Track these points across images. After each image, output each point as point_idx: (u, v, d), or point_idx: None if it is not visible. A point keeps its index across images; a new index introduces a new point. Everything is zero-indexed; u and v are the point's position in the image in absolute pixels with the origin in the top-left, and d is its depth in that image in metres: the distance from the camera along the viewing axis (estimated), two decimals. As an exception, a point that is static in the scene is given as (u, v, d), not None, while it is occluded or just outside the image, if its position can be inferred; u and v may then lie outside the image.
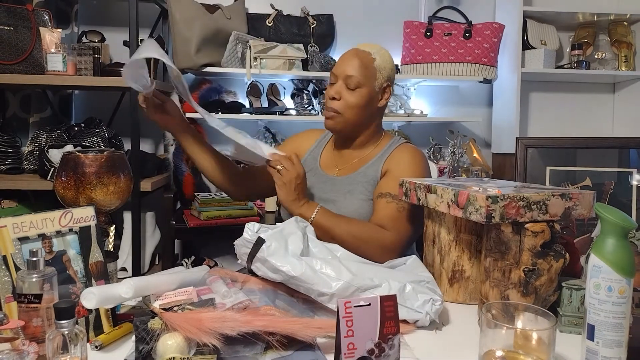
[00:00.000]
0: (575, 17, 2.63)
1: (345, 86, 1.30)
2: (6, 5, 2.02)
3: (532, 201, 0.89)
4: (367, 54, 1.31)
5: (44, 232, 0.85)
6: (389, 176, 1.31)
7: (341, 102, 1.30)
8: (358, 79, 1.28)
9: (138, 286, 0.84)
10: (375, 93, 1.32)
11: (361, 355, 0.67)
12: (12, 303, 0.79)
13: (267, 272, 0.95)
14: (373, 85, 1.31)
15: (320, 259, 0.96)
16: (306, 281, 0.90)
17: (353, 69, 1.29)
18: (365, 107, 1.31)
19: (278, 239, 0.97)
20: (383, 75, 1.32)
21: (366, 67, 1.29)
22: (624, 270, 0.73)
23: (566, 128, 2.82)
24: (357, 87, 1.29)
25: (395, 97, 2.58)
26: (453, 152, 2.57)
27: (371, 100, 1.31)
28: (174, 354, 0.71)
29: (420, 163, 1.34)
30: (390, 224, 1.24)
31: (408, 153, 1.35)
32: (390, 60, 1.35)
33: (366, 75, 1.29)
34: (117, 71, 2.12)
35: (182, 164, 2.32)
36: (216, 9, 2.34)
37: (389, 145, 1.38)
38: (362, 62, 1.29)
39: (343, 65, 1.31)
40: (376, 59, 1.31)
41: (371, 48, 1.33)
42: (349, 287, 0.90)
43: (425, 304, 0.91)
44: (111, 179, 1.01)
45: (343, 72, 1.30)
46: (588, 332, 0.75)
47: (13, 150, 2.16)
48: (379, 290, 0.91)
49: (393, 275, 0.96)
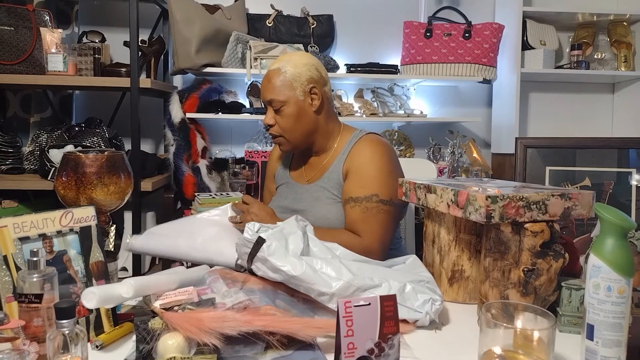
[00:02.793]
0: (574, 17, 2.63)
1: (272, 110, 1.31)
2: (7, 5, 2.02)
3: (532, 201, 0.89)
4: (277, 71, 1.29)
5: (44, 232, 0.85)
6: (349, 178, 1.29)
7: (276, 126, 1.31)
8: (277, 99, 1.28)
9: (138, 286, 0.84)
10: (301, 102, 1.29)
11: (361, 354, 0.67)
12: (13, 303, 0.79)
13: (267, 271, 0.95)
14: (295, 97, 1.29)
15: (321, 258, 0.96)
16: (306, 281, 0.90)
17: (270, 93, 1.29)
18: (299, 120, 1.30)
19: (278, 239, 0.97)
20: (301, 81, 1.29)
21: (280, 84, 1.28)
22: (624, 270, 0.73)
23: (566, 128, 2.82)
24: (281, 107, 1.29)
25: (395, 98, 2.58)
26: (453, 152, 2.57)
27: (301, 111, 1.30)
28: (174, 353, 0.72)
29: (383, 155, 1.29)
30: (360, 227, 1.24)
31: (366, 148, 1.31)
32: (306, 62, 1.31)
33: (282, 92, 1.28)
34: (118, 71, 2.13)
35: (183, 164, 2.32)
36: (216, 9, 2.34)
37: (348, 143, 1.34)
38: (274, 82, 1.29)
39: (262, 92, 1.32)
40: (286, 70, 1.28)
41: (280, 62, 1.31)
42: (349, 287, 0.90)
43: (425, 304, 0.91)
44: (112, 179, 1.01)
45: (265, 98, 1.31)
46: (587, 331, 0.75)
47: (14, 151, 2.16)
48: (379, 290, 0.91)
49: (393, 275, 0.96)
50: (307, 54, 1.34)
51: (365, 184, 1.25)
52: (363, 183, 1.26)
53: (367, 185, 1.25)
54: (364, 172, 1.27)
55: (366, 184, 1.25)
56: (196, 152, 2.36)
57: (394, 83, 2.61)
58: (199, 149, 2.37)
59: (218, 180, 2.40)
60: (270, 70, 1.31)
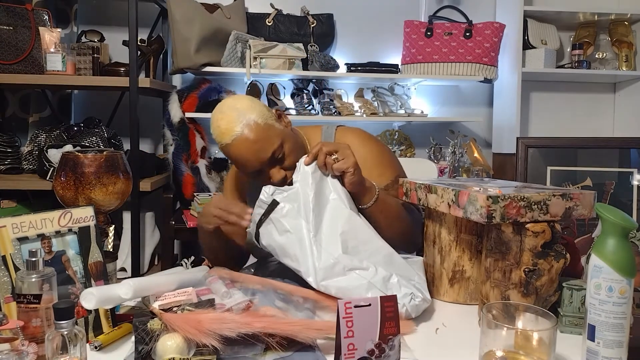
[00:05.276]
0: (575, 16, 2.63)
1: (274, 165, 1.11)
2: (5, 4, 2.01)
3: (533, 201, 0.89)
4: (250, 127, 1.06)
5: (43, 232, 0.85)
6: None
7: (288, 172, 1.11)
8: (276, 148, 1.08)
9: (137, 287, 0.84)
10: (285, 131, 1.13)
11: (361, 355, 0.67)
12: (12, 303, 0.79)
13: (275, 234, 0.98)
14: (280, 132, 1.11)
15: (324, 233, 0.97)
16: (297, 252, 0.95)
17: (266, 152, 1.07)
18: (295, 144, 1.14)
19: (292, 201, 0.99)
20: (269, 116, 1.11)
21: (266, 135, 1.07)
22: (625, 270, 0.72)
23: (567, 128, 2.82)
24: (282, 151, 1.10)
25: (395, 97, 2.58)
26: (453, 152, 2.57)
27: (290, 136, 1.14)
28: (173, 354, 0.71)
29: (370, 138, 1.26)
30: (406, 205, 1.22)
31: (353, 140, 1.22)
32: (252, 101, 1.12)
33: (273, 138, 1.08)
34: (117, 71, 2.12)
35: (182, 164, 2.31)
36: (216, 8, 2.34)
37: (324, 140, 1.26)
38: (259, 139, 1.07)
39: (253, 160, 1.08)
40: (254, 119, 1.07)
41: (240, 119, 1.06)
42: (336, 264, 0.93)
43: (405, 297, 0.92)
44: (110, 179, 1.01)
45: (261, 162, 1.09)
46: (589, 332, 0.75)
47: (12, 150, 2.16)
48: (365, 273, 0.93)
49: (385, 264, 0.97)
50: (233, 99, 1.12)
51: (382, 171, 1.23)
52: (379, 171, 1.22)
53: (384, 172, 1.24)
54: (372, 161, 1.21)
55: (383, 171, 1.23)
56: (195, 152, 2.35)
57: (395, 82, 2.61)
58: (198, 149, 2.36)
59: (217, 180, 2.40)
60: (239, 135, 1.06)
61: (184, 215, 2.23)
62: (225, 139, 1.07)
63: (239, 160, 1.09)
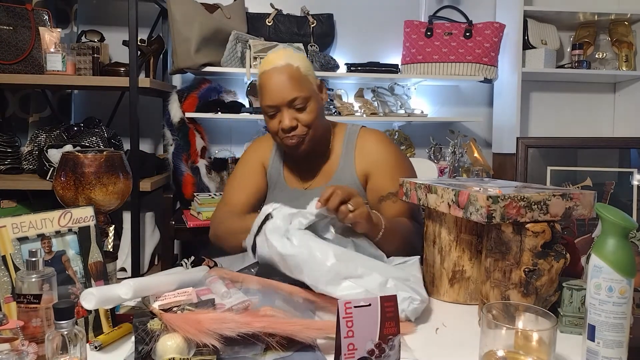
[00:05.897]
0: (575, 16, 2.63)
1: (293, 110, 1.20)
2: (5, 4, 2.01)
3: (533, 201, 0.89)
4: (289, 67, 1.19)
5: (43, 232, 0.85)
6: (377, 176, 1.28)
7: (300, 126, 1.21)
8: (302, 95, 1.19)
9: (137, 287, 0.84)
10: (318, 97, 1.25)
11: (361, 355, 0.67)
12: (12, 303, 0.79)
13: (265, 246, 0.98)
14: (313, 92, 1.23)
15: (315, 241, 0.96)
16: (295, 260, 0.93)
17: (292, 90, 1.19)
18: (320, 116, 1.26)
19: (284, 219, 0.99)
20: (312, 76, 1.24)
21: (298, 80, 1.19)
22: (625, 270, 0.72)
23: (567, 128, 2.81)
24: (305, 104, 1.20)
25: (395, 97, 2.58)
26: (453, 152, 2.57)
27: (320, 106, 1.25)
28: (173, 354, 0.71)
29: (391, 142, 1.33)
30: (416, 215, 1.26)
31: (376, 142, 1.30)
32: (305, 56, 1.27)
33: (305, 87, 1.20)
34: (117, 71, 2.12)
35: (182, 164, 2.31)
36: (216, 8, 2.33)
37: (347, 142, 1.32)
38: (293, 78, 1.19)
39: (277, 91, 1.19)
40: (299, 66, 1.21)
41: (284, 58, 1.21)
42: (330, 272, 0.91)
43: (403, 302, 0.91)
44: (110, 179, 1.01)
45: (283, 99, 1.19)
46: (589, 332, 0.75)
47: (12, 150, 2.16)
48: (361, 282, 0.92)
49: (380, 269, 0.96)
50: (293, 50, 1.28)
51: (399, 175, 1.25)
52: (397, 175, 1.25)
53: (400, 176, 1.24)
54: (388, 165, 1.26)
55: (399, 176, 1.24)
56: (195, 152, 2.35)
57: (395, 82, 2.61)
58: (198, 149, 2.36)
59: (217, 180, 2.40)
60: (279, 67, 1.19)
61: (184, 215, 2.23)
62: (266, 66, 1.21)
63: (266, 87, 1.21)
